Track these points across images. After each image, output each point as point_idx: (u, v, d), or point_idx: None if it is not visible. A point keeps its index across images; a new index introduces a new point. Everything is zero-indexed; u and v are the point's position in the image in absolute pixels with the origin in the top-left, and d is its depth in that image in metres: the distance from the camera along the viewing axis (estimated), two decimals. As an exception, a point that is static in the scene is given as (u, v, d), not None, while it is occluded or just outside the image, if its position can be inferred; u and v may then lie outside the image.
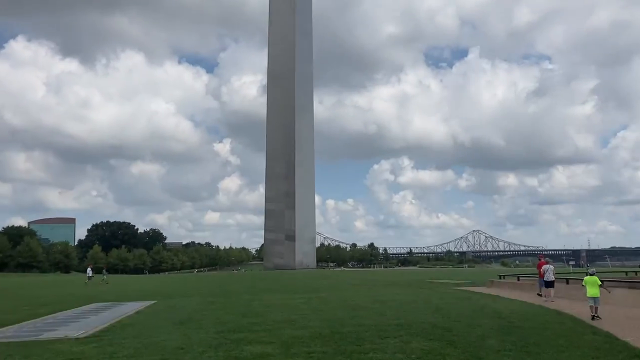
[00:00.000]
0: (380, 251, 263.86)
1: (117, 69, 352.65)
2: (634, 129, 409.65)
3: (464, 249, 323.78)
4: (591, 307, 14.37)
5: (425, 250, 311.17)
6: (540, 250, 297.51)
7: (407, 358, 9.19)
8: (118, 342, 11.74)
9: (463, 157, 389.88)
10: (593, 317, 13.98)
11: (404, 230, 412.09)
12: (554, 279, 21.82)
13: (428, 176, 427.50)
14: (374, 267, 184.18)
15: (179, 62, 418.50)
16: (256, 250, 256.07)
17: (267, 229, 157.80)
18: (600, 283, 14.77)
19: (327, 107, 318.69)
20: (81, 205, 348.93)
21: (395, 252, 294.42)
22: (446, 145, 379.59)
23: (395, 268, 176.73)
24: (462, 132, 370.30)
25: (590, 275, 15.05)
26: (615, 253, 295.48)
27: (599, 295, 14.36)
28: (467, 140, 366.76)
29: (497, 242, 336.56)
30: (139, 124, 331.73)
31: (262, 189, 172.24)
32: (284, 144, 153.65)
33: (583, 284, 15.03)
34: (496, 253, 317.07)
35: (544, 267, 22.09)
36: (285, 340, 11.41)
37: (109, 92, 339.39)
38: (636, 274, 38.76)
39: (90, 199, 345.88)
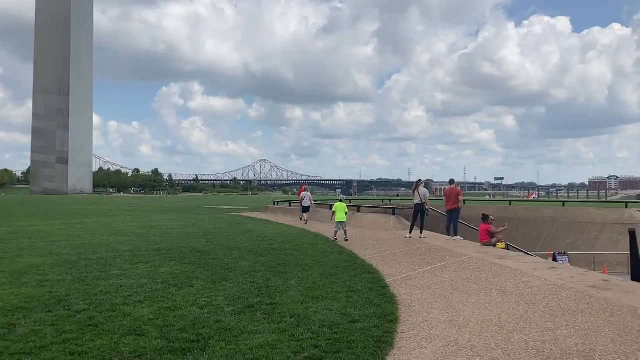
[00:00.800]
0: (165, 177, 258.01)
1: None
2: (405, 74, 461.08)
3: (251, 177, 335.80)
4: (336, 231, 15.77)
5: (213, 178, 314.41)
6: (319, 180, 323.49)
7: (152, 282, 8.88)
8: None
9: (254, 87, 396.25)
10: (336, 239, 15.35)
11: (192, 157, 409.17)
12: (309, 204, 24.36)
13: (219, 103, 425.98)
14: (157, 194, 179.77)
15: None
16: (22, 173, 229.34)
17: (35, 149, 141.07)
18: (347, 210, 16.24)
19: (111, 19, 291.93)
20: None
21: (181, 178, 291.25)
22: (238, 73, 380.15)
23: (179, 195, 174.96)
24: (254, 61, 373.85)
25: (340, 202, 16.45)
26: (381, 184, 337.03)
27: (345, 220, 15.78)
28: (259, 71, 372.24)
29: (281, 171, 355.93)
30: None
31: (30, 105, 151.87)
32: (57, 54, 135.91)
33: (333, 209, 16.34)
34: (280, 182, 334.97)
35: (302, 194, 24.78)
36: (19, 268, 10.17)
37: None
38: (390, 202, 44.49)
39: None
